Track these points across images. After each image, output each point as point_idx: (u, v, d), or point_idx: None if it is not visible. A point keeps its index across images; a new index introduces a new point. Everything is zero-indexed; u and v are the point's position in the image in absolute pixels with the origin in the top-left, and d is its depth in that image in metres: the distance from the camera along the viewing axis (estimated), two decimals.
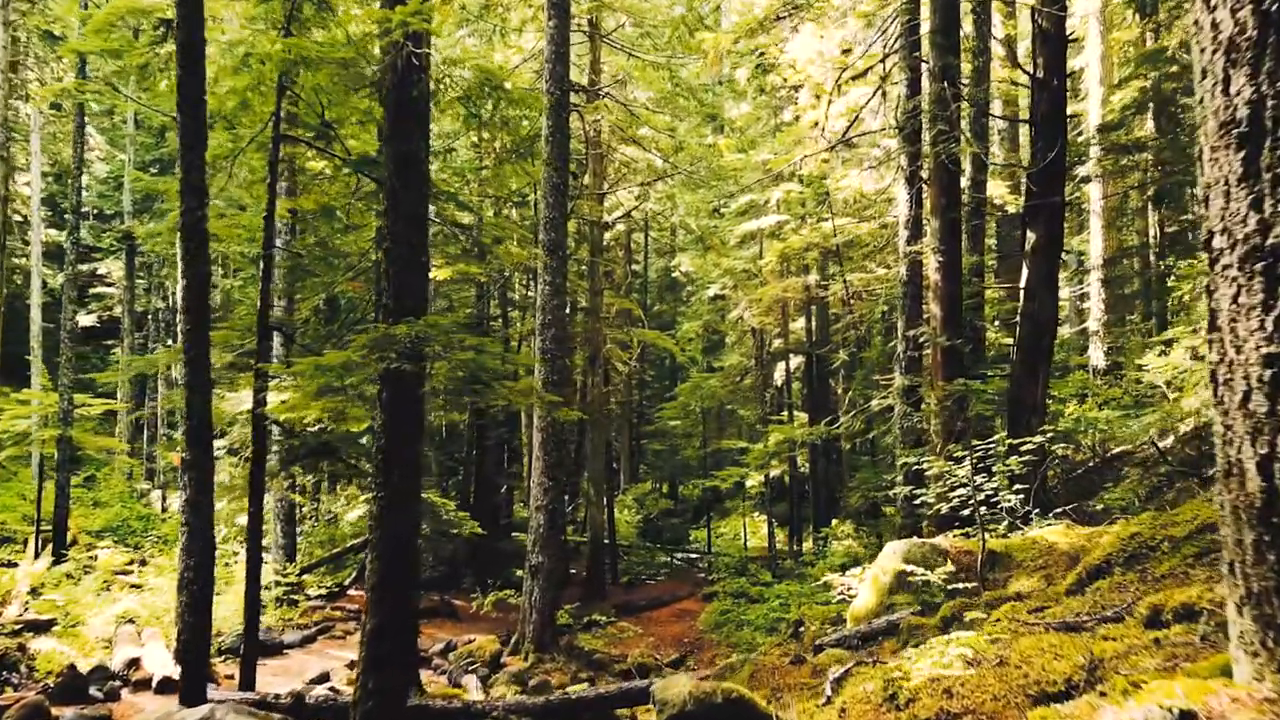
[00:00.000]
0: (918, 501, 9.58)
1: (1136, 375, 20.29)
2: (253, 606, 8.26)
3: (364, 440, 9.58)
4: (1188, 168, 17.94)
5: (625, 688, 7.64)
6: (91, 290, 35.45)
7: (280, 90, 8.66)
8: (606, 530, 22.83)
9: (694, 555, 26.57)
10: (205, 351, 7.54)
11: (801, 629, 14.28)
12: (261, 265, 8.59)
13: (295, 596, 14.64)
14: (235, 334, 8.55)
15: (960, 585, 7.60)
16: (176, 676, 10.81)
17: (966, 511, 8.43)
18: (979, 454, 7.98)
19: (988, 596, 6.45)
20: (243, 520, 19.05)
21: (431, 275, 10.47)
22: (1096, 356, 21.91)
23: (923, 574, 7.79)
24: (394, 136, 6.66)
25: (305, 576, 15.92)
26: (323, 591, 16.16)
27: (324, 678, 10.97)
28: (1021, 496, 8.66)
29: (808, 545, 22.94)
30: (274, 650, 12.61)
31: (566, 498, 28.34)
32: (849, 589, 9.54)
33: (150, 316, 35.54)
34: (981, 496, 7.73)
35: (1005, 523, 8.99)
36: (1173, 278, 18.19)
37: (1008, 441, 7.90)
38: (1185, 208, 22.04)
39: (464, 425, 26.83)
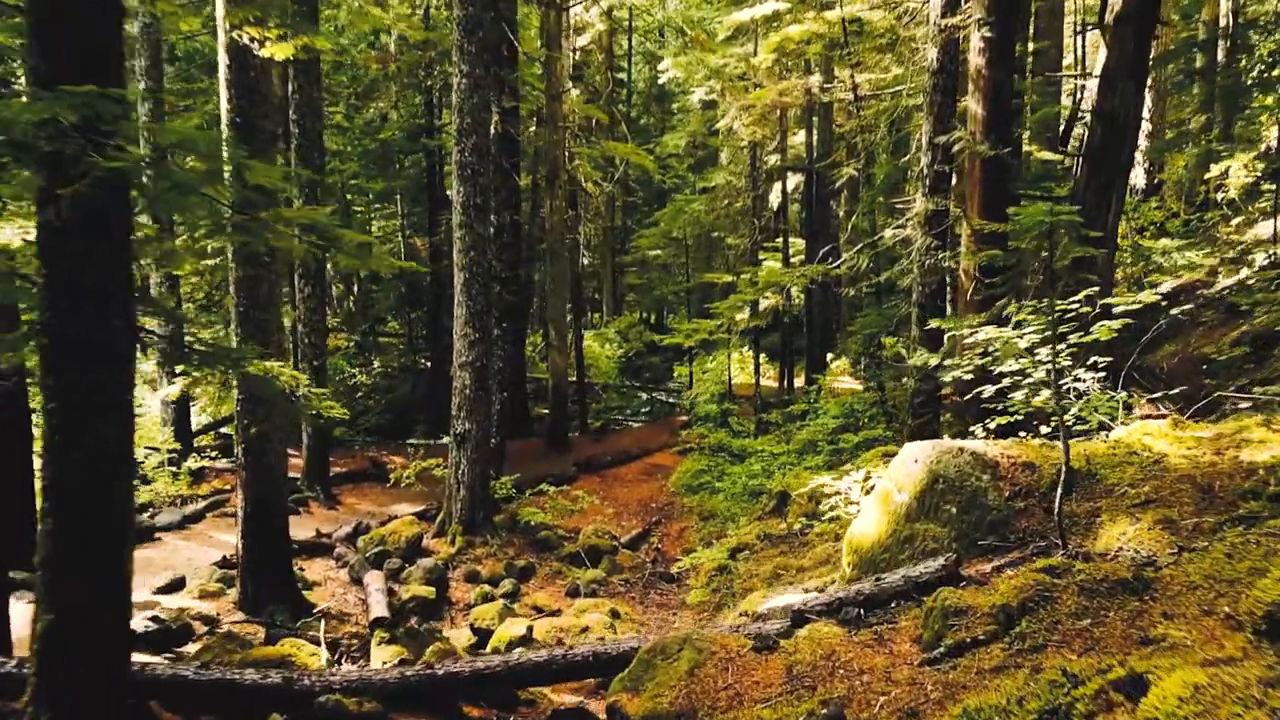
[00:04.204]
0: (947, 378, 6.88)
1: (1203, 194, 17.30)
2: None
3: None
4: None
5: (514, 663, 5.26)
6: None
7: None
8: (575, 373, 20.45)
9: (677, 392, 24.47)
10: None
11: (786, 507, 12.10)
12: None
13: (177, 470, 12.21)
14: None
15: (1020, 522, 5.06)
16: None
17: (1018, 395, 5.77)
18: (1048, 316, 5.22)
19: (1083, 573, 3.88)
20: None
21: (265, 52, 7.33)
22: (1136, 175, 18.80)
23: (965, 487, 5.25)
24: None
25: (201, 438, 13.50)
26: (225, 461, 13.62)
27: (178, 584, 8.70)
28: (1102, 375, 6.00)
29: (800, 382, 20.67)
30: (140, 537, 10.31)
31: (548, 330, 25.83)
32: (846, 496, 7.03)
33: None
34: (1052, 381, 5.04)
35: (1072, 411, 6.36)
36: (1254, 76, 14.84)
37: (1103, 301, 5.12)
38: None
39: (425, 250, 24.01)
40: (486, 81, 10.60)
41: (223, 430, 15.43)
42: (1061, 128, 17.76)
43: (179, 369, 7.49)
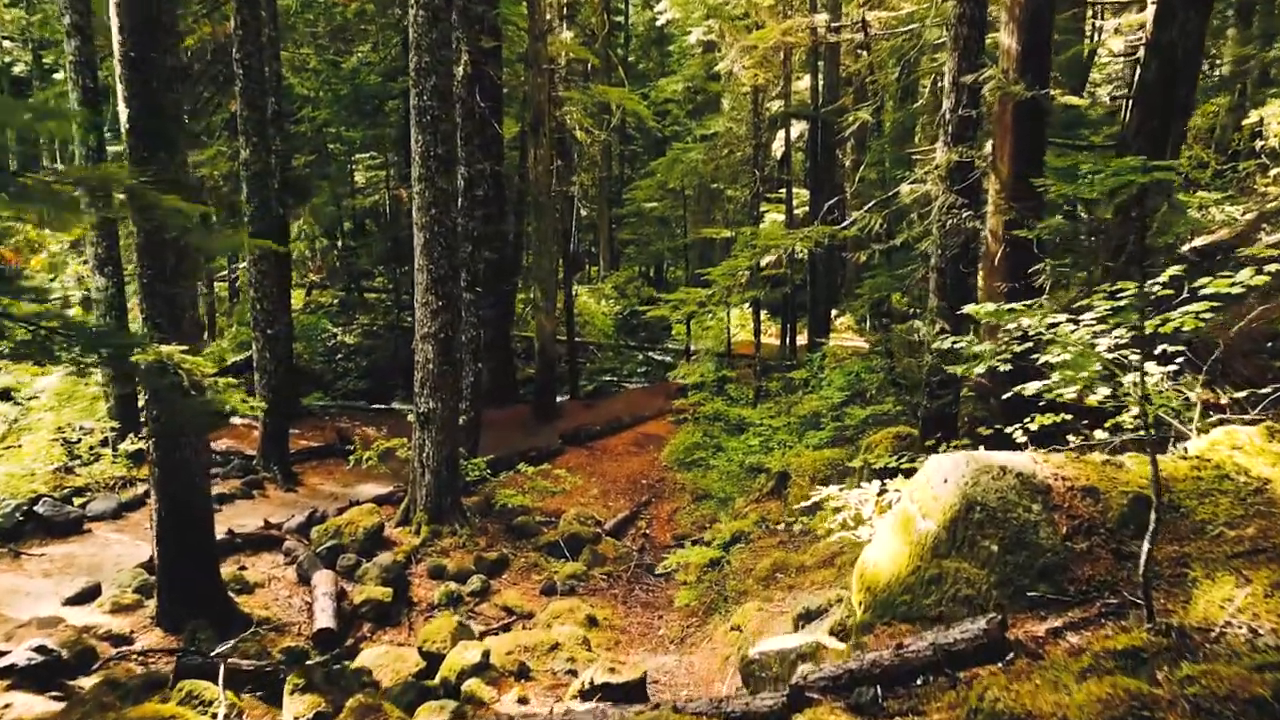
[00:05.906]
0: (979, 369, 5.70)
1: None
2: None
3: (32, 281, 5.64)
4: None
5: None
6: None
7: None
8: (565, 336, 19.31)
9: (675, 352, 23.36)
10: None
11: (786, 489, 11.05)
12: None
13: (112, 452, 11.07)
14: None
15: (1081, 569, 3.97)
16: None
17: (1069, 394, 4.62)
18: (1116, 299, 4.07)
19: (1195, 684, 2.79)
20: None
21: None
22: None
23: (1010, 515, 4.17)
24: None
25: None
26: None
27: (92, 592, 7.69)
28: (1174, 369, 4.87)
29: (802, 340, 19.53)
30: (67, 529, 9.33)
31: (535, 290, 24.60)
32: (857, 513, 5.93)
33: None
34: (1139, 395, 3.93)
35: (1130, 412, 5.22)
36: None
37: (1194, 284, 3.97)
38: None
39: (407, 202, 22.64)
40: (448, 13, 9.30)
41: None
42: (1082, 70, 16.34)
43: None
